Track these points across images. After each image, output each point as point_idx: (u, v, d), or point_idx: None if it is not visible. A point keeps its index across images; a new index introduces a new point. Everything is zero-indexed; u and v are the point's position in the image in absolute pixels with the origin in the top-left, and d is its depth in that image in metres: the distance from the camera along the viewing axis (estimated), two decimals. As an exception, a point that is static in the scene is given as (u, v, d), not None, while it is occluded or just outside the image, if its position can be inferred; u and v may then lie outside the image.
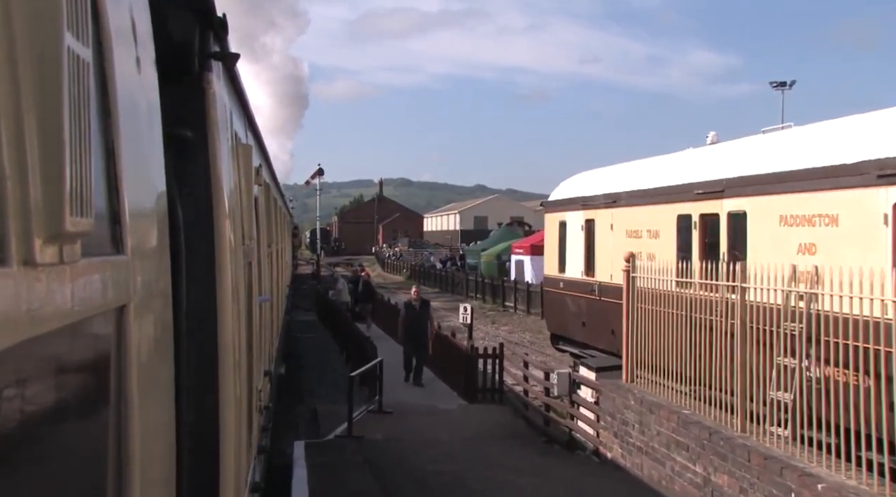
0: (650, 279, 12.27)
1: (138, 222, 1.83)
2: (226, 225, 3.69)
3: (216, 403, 3.53)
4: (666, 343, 11.75)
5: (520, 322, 35.34)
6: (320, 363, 23.63)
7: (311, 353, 25.45)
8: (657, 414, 11.33)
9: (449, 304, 41.04)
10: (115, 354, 1.66)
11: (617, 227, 17.57)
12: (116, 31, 1.68)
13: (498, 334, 31.51)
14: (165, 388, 2.14)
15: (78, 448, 1.50)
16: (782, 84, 52.76)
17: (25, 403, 1.21)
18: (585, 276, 19.23)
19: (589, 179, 20.64)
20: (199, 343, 3.43)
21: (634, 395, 12.18)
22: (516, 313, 38.25)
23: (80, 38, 1.34)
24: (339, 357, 24.32)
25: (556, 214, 21.58)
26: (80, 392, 1.49)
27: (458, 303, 41.77)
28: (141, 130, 1.97)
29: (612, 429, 12.96)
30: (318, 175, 66.17)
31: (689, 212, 14.34)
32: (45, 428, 1.31)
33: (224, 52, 3.87)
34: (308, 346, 27.18)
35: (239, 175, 4.65)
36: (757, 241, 11.99)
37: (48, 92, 1.20)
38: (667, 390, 11.71)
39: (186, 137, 3.45)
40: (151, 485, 1.89)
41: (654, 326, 12.11)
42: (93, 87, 1.45)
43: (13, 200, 1.11)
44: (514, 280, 40.84)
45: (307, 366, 23.01)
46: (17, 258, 1.11)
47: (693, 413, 10.87)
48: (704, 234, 13.87)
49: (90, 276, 1.42)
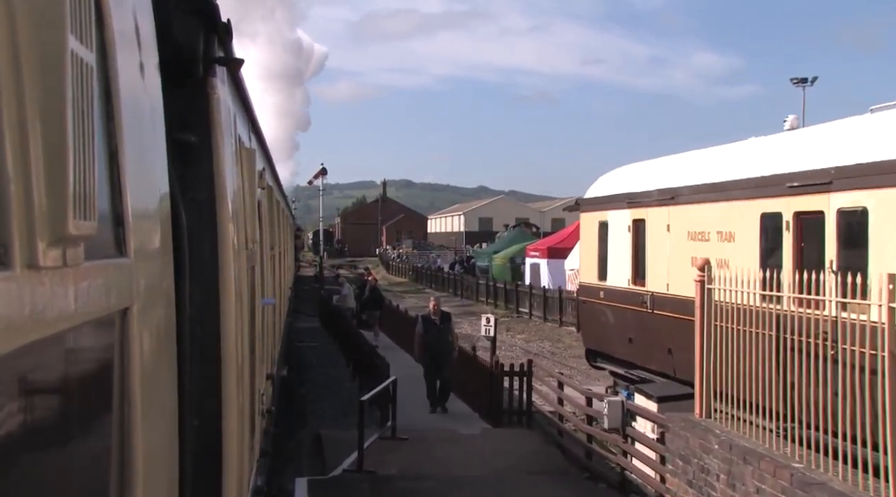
0: (733, 292, 9.81)
1: (141, 225, 1.83)
2: (229, 229, 3.69)
3: (219, 407, 3.53)
4: (758, 371, 9.28)
5: (537, 330, 33.45)
6: (324, 377, 22.00)
7: (314, 366, 23.77)
8: (755, 466, 8.66)
9: (459, 309, 38.94)
10: (118, 357, 1.66)
11: (675, 228, 14.98)
12: (120, 35, 1.68)
13: (514, 343, 29.81)
14: (168, 391, 2.14)
15: (81, 451, 1.50)
16: (803, 80, 51.70)
17: (29, 406, 1.21)
18: (633, 285, 16.64)
19: (636, 173, 17.94)
20: (202, 346, 3.43)
21: (717, 436, 9.58)
22: (532, 320, 36.18)
23: (83, 42, 1.35)
24: (344, 370, 22.80)
25: (593, 214, 18.86)
26: (83, 395, 1.49)
27: (469, 308, 40.35)
28: (144, 134, 1.98)
29: (684, 476, 10.26)
30: (321, 175, 63.58)
31: (779, 209, 11.67)
32: (48, 430, 1.31)
33: (228, 56, 3.88)
34: (311, 356, 25.46)
35: (242, 179, 4.65)
36: (884, 245, 9.48)
37: (52, 95, 1.20)
38: (761, 432, 9.24)
39: (190, 142, 3.45)
40: (155, 488, 1.89)
41: (741, 350, 9.63)
42: (96, 91, 1.45)
43: (17, 203, 1.11)
44: (530, 285, 38.91)
45: (310, 380, 21.26)
46: (20, 261, 1.11)
47: (807, 467, 8.24)
48: (800, 236, 11.25)
49: (93, 279, 1.42)
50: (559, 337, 30.63)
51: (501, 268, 48.27)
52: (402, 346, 25.05)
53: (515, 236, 55.85)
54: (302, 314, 35.66)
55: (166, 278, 2.16)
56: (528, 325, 34.56)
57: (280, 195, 15.80)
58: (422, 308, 35.99)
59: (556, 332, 31.77)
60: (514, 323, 35.26)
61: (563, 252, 37.46)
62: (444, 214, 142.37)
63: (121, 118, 1.66)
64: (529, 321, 35.94)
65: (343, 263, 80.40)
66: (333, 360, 24.62)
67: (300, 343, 26.92)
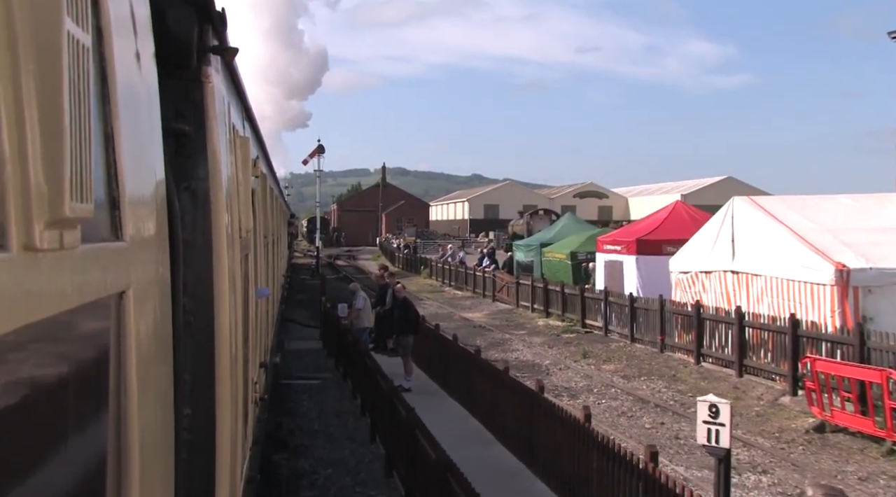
0: None
1: (137, 209, 1.83)
2: (223, 217, 3.70)
3: (213, 395, 3.54)
4: None
5: (626, 355, 21.67)
6: (330, 447, 12.66)
7: (314, 427, 13.86)
8: None
9: (497, 317, 30.07)
10: (114, 340, 1.67)
11: None
12: (116, 20, 1.68)
13: (607, 380, 18.63)
14: (164, 376, 2.15)
15: (76, 433, 1.50)
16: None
17: (25, 388, 1.22)
18: None
19: None
20: (197, 334, 3.44)
21: None
22: (608, 337, 24.50)
23: (79, 24, 1.35)
24: (366, 450, 12.59)
25: None
26: (79, 377, 1.50)
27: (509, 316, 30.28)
28: (140, 118, 1.98)
29: None
30: (318, 153, 54.20)
31: None
32: (44, 413, 1.31)
33: (223, 45, 3.87)
34: (308, 404, 15.58)
35: (237, 168, 4.65)
36: None
37: (48, 77, 1.20)
38: None
39: (185, 131, 3.45)
40: (151, 473, 1.90)
41: None
42: (92, 74, 1.45)
43: (14, 185, 1.11)
44: (605, 290, 26.21)
45: (308, 453, 12.31)
46: (17, 243, 1.12)
47: None
48: None
49: (90, 262, 1.43)
50: (671, 370, 19.56)
51: (557, 265, 34.41)
52: (449, 388, 16.51)
53: (569, 224, 40.76)
54: (296, 325, 27.04)
55: (162, 263, 2.17)
56: (610, 348, 22.84)
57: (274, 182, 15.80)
58: (447, 317, 29.35)
59: (660, 362, 20.54)
60: (587, 343, 23.82)
61: (658, 246, 25.37)
62: (447, 201, 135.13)
63: (117, 101, 1.66)
64: (608, 340, 24.24)
65: (340, 255, 73.38)
66: (349, 425, 14.22)
67: (291, 380, 17.60)
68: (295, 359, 20.58)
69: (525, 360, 21.34)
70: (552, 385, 17.53)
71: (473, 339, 23.81)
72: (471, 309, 33.21)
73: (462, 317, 30.45)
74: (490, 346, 23.34)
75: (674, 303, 21.59)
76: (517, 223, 65.23)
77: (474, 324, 28.54)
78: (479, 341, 23.31)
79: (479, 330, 27.06)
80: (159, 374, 2.06)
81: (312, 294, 33.18)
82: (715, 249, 20.53)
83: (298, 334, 25.56)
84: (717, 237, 20.59)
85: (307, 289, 38.43)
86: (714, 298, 20.30)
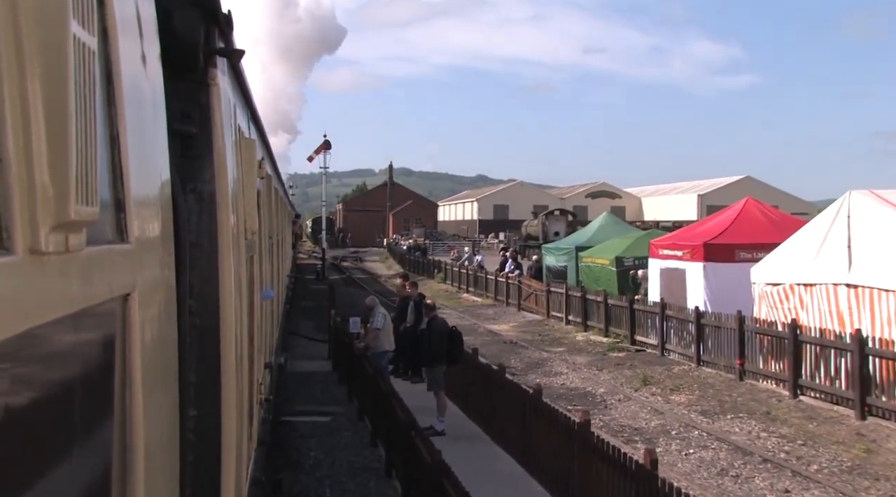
0: None
1: (142, 211, 1.83)
2: (229, 220, 3.70)
3: (218, 397, 3.54)
4: None
5: (696, 383, 17.61)
6: None
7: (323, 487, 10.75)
8: None
9: (526, 330, 26.54)
10: (119, 343, 1.66)
11: None
12: (122, 21, 1.68)
13: (686, 418, 14.79)
14: (169, 378, 2.15)
15: (82, 436, 1.50)
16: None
17: (31, 391, 1.22)
18: None
19: None
20: (202, 336, 3.44)
21: None
22: (666, 358, 20.29)
23: (85, 26, 1.35)
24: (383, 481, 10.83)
25: None
26: (84, 380, 1.50)
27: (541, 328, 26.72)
28: (145, 120, 1.98)
29: None
30: (324, 148, 50.85)
31: None
32: (50, 416, 1.31)
33: (229, 48, 3.88)
34: (315, 461, 11.95)
35: (242, 170, 4.66)
36: None
37: (54, 79, 1.20)
38: None
39: (191, 133, 3.46)
40: (156, 475, 1.90)
41: None
42: (98, 76, 1.45)
43: (19, 188, 1.11)
44: (661, 301, 21.48)
45: None
46: (22, 246, 1.12)
47: None
48: None
49: (95, 265, 1.43)
50: (761, 404, 15.55)
51: (598, 272, 29.28)
52: (494, 432, 13.10)
53: (607, 225, 35.15)
54: (300, 338, 23.60)
55: (167, 266, 2.17)
56: (673, 373, 18.56)
57: (278, 182, 15.86)
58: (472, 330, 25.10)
59: (742, 393, 16.45)
60: (643, 364, 19.60)
61: (730, 252, 20.84)
62: (455, 201, 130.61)
63: (122, 104, 1.66)
64: (666, 362, 19.86)
65: (346, 257, 68.69)
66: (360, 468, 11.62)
67: (294, 417, 14.26)
68: (299, 386, 17.16)
69: (574, 387, 17.62)
70: (616, 423, 14.53)
71: (507, 357, 20.62)
72: (495, 319, 29.97)
73: (487, 329, 27.21)
74: (528, 367, 20.18)
75: (757, 321, 17.73)
76: (531, 224, 61.93)
77: (503, 338, 25.18)
78: (513, 361, 20.57)
79: (511, 346, 23.52)
80: (165, 376, 2.06)
81: (318, 300, 30.72)
82: (821, 257, 16.44)
83: (303, 351, 21.94)
84: (825, 241, 16.53)
85: (312, 294, 35.34)
86: (818, 318, 16.26)
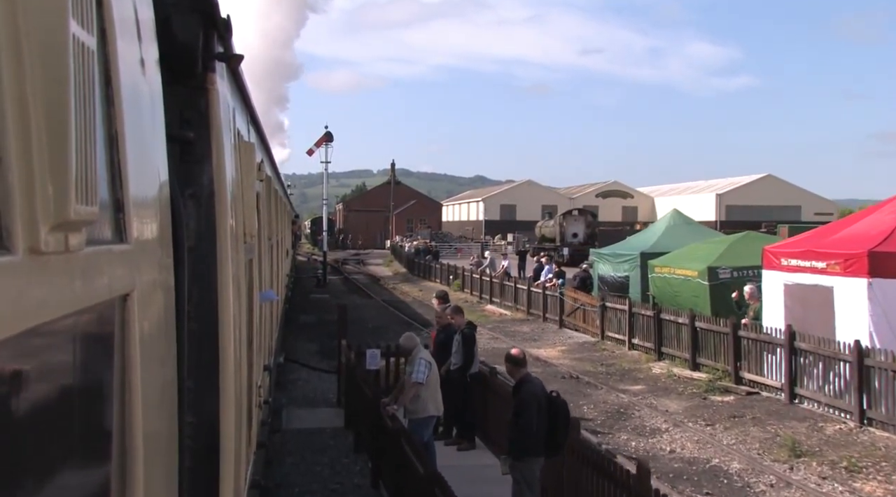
0: None
1: (141, 212, 1.84)
2: (228, 223, 3.70)
3: (216, 401, 3.54)
4: None
5: (878, 455, 11.61)
6: None
7: None
8: None
9: (583, 355, 20.43)
10: (118, 343, 1.66)
11: None
12: (120, 23, 1.69)
13: None
14: (168, 378, 2.15)
15: (80, 437, 1.50)
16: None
17: (30, 391, 1.22)
18: None
19: None
20: (201, 339, 3.44)
21: None
22: (798, 406, 14.55)
23: (84, 26, 1.35)
24: None
25: None
26: (83, 380, 1.50)
27: (599, 353, 20.46)
28: (144, 121, 1.98)
29: None
30: (325, 141, 45.47)
31: None
32: (48, 416, 1.31)
33: (228, 52, 3.89)
34: None
35: (241, 173, 4.67)
36: None
37: (53, 78, 1.20)
38: None
39: (190, 138, 3.46)
40: (155, 475, 1.90)
41: None
42: (97, 76, 1.46)
43: (18, 188, 1.11)
44: (788, 328, 15.22)
45: None
46: (22, 246, 1.12)
47: None
48: None
49: (94, 265, 1.43)
50: None
51: (681, 286, 21.60)
52: None
53: (677, 226, 26.84)
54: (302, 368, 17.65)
55: (166, 267, 2.17)
56: (829, 436, 12.73)
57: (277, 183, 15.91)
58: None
59: None
60: (768, 417, 14.00)
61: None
62: (460, 201, 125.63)
63: (121, 104, 1.66)
64: (800, 413, 14.18)
65: (348, 260, 62.66)
66: None
67: None
68: (299, 456, 11.43)
69: (688, 458, 11.66)
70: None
71: (574, 401, 14.12)
72: (536, 341, 23.03)
73: (532, 355, 19.07)
74: (609, 419, 14.12)
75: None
76: (546, 224, 57.25)
77: (558, 370, 18.54)
78: (585, 407, 14.70)
79: (573, 384, 16.96)
80: (163, 376, 2.06)
81: (320, 314, 26.33)
82: None
83: (303, 389, 16.06)
84: None
85: (312, 305, 29.75)
86: None
